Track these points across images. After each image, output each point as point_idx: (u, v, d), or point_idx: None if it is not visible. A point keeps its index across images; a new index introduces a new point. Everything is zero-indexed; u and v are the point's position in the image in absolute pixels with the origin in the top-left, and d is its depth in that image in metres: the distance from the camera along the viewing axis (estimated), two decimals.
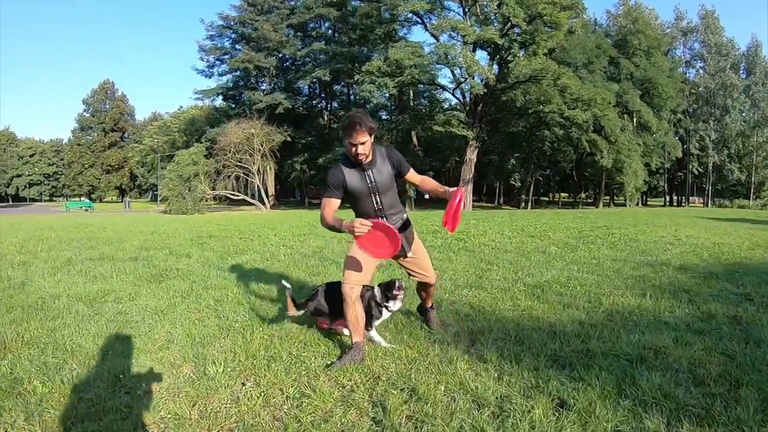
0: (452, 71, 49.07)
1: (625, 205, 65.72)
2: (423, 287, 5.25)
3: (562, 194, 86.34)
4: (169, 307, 6.32)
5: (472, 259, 10.02)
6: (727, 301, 6.21)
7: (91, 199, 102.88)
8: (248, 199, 61.02)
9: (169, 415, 3.45)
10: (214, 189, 58.41)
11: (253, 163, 59.85)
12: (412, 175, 4.79)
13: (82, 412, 3.50)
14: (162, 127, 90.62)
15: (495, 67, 51.52)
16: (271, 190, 67.50)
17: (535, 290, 6.94)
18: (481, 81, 49.15)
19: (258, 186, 60.77)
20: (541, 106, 48.36)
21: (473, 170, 52.92)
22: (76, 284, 7.89)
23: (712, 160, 70.86)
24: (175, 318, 5.82)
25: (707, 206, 67.81)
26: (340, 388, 3.79)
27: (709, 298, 6.34)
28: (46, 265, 10.05)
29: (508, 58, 48.66)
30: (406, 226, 4.85)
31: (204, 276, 8.54)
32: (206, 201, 57.60)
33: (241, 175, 60.23)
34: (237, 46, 67.19)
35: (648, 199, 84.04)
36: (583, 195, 79.04)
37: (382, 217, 4.61)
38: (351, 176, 4.52)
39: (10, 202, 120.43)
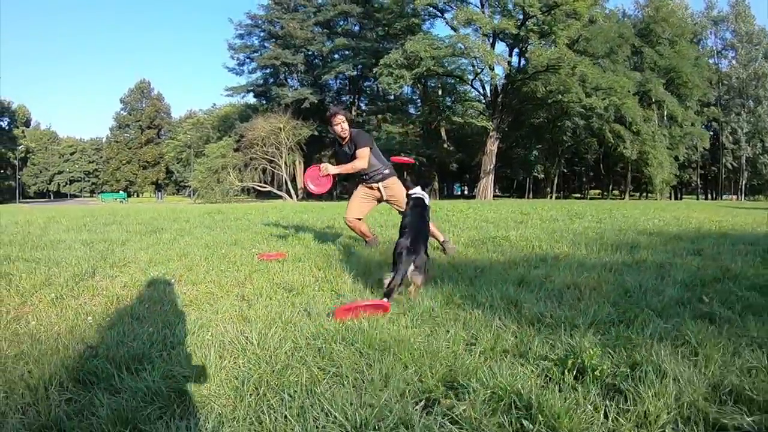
0: (472, 63, 49.39)
1: (656, 199, 63.82)
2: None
3: (593, 190, 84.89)
4: (149, 246, 7.76)
5: (444, 227, 10.64)
6: (670, 254, 6.46)
7: (128, 194, 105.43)
8: (275, 190, 62.31)
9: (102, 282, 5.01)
10: (241, 181, 59.82)
11: (280, 156, 60.92)
12: (356, 152, 6.91)
13: (40, 280, 5.05)
14: (196, 123, 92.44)
15: (515, 57, 51.91)
16: (300, 183, 68.64)
17: (476, 243, 7.89)
18: (502, 71, 49.78)
19: (285, 178, 61.73)
20: (560, 96, 48.18)
21: (494, 161, 52.95)
22: (82, 236, 9.61)
23: (745, 154, 68.84)
24: (143, 249, 7.38)
25: (740, 202, 65.82)
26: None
27: (653, 252, 6.66)
28: (64, 227, 11.88)
29: (527, 48, 48.93)
30: (384, 177, 7.24)
31: (188, 232, 9.98)
32: (234, 192, 59.04)
33: (268, 167, 61.58)
34: (265, 44, 68.34)
35: (681, 194, 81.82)
36: (616, 191, 77.95)
37: (364, 176, 7.28)
38: (340, 150, 7.21)
39: (52, 198, 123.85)
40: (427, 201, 5.36)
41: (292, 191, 62.86)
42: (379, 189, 7.24)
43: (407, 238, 4.59)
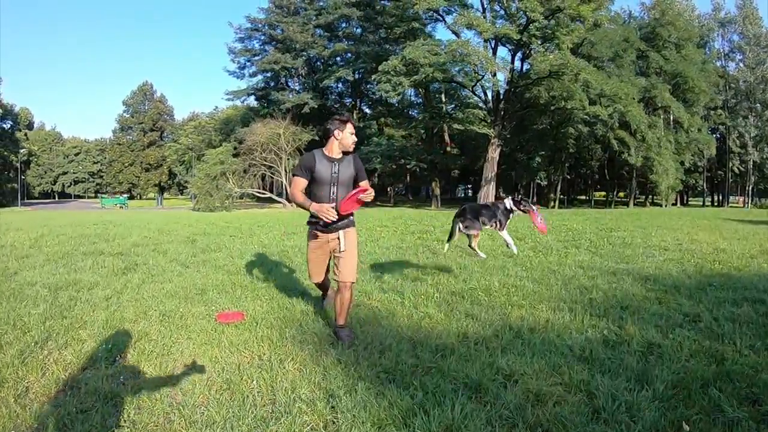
0: (474, 69, 48.63)
1: (661, 205, 63.67)
2: (338, 292, 5.59)
3: (599, 194, 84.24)
4: (113, 295, 7.58)
5: (426, 262, 10.64)
6: (662, 323, 5.88)
7: (131, 196, 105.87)
8: (274, 197, 62.54)
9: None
10: (241, 187, 59.87)
11: (280, 162, 60.85)
12: (361, 183, 5.61)
13: None
14: (198, 126, 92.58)
15: (517, 62, 51.27)
16: None
17: (453, 297, 7.33)
18: (504, 77, 49.52)
19: (284, 184, 61.77)
20: (563, 102, 47.67)
21: (495, 168, 52.52)
22: (54, 275, 9.24)
23: (752, 159, 67.87)
24: (105, 300, 7.20)
25: (747, 206, 65.34)
26: None
27: (643, 320, 6.03)
28: (44, 257, 11.49)
29: (529, 53, 48.48)
30: (351, 223, 5.74)
31: (161, 271, 9.79)
32: (233, 199, 59.07)
33: (267, 173, 61.55)
34: (266, 48, 68.21)
35: (688, 198, 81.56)
36: (621, 194, 77.45)
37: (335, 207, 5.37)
38: (321, 164, 5.42)
39: (56, 199, 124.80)
40: (509, 206, 8.36)
41: None
42: (338, 238, 5.61)
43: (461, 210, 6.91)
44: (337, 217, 5.18)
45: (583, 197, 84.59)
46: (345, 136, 5.50)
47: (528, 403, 3.80)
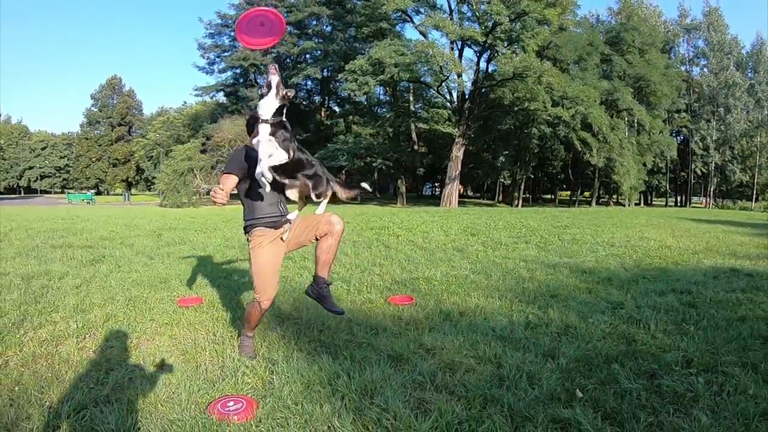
0: (440, 68, 49.06)
1: (624, 204, 65.01)
2: (324, 241, 4.94)
3: (564, 193, 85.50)
4: (82, 283, 8.22)
5: (377, 254, 11.31)
6: (585, 309, 6.34)
7: (98, 191, 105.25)
8: None
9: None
10: (208, 183, 59.94)
11: None
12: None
13: None
14: (166, 122, 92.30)
15: (483, 64, 52.26)
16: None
17: (395, 286, 7.97)
18: (469, 78, 50.63)
19: None
20: (527, 104, 48.71)
21: (460, 167, 53.35)
22: (26, 266, 9.88)
23: (713, 161, 70.00)
24: (76, 288, 7.87)
25: (708, 207, 67.14)
26: None
27: (567, 306, 6.54)
28: (15, 250, 12.12)
29: (495, 55, 49.42)
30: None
31: (127, 262, 10.44)
32: (201, 195, 59.17)
33: None
34: (236, 44, 68.15)
35: (652, 198, 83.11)
36: (586, 194, 78.56)
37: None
38: (251, 161, 4.59)
39: (22, 194, 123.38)
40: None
41: None
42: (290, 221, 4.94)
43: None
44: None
45: (549, 196, 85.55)
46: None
47: (440, 371, 4.34)
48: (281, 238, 4.88)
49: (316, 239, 4.97)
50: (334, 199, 4.93)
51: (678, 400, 3.79)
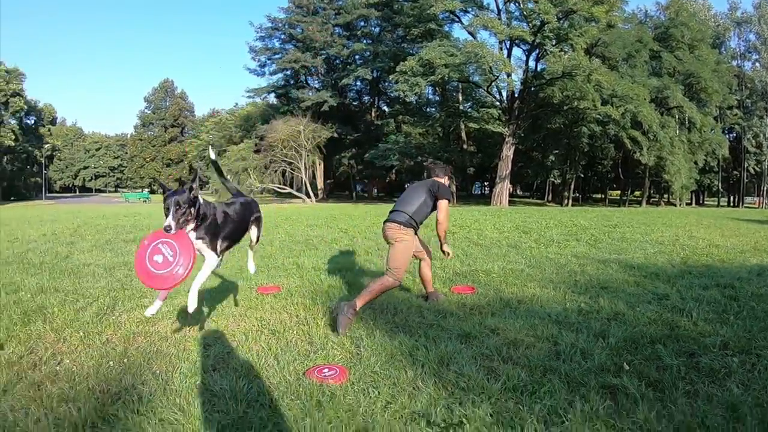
0: (489, 68, 48.96)
1: (675, 204, 63.22)
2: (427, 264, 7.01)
3: (614, 192, 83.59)
4: None
5: (436, 249, 11.76)
6: (633, 300, 6.67)
7: (152, 191, 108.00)
8: (294, 192, 63.69)
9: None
10: (261, 182, 60.94)
11: (300, 158, 62.18)
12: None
13: (70, 317, 6.00)
14: (219, 123, 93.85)
15: (532, 62, 52.26)
16: (321, 184, 69.73)
17: (456, 277, 8.44)
18: (519, 78, 50.70)
19: (304, 180, 63.14)
20: (576, 102, 48.32)
21: (510, 166, 53.35)
22: (105, 258, 10.84)
23: (767, 159, 67.98)
24: None
25: (762, 207, 64.55)
26: None
27: (617, 296, 6.88)
28: (89, 244, 13.20)
29: (544, 54, 49.43)
30: None
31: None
32: (254, 194, 60.09)
33: (288, 169, 62.93)
34: (286, 46, 69.42)
35: (704, 198, 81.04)
36: (637, 193, 76.66)
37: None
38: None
39: (77, 193, 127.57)
40: None
41: (311, 192, 64.09)
42: None
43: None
44: None
45: (599, 196, 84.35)
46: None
47: (504, 346, 4.82)
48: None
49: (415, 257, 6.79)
50: None
51: (714, 374, 4.13)
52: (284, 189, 63.75)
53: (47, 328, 5.50)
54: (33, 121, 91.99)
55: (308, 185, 63.80)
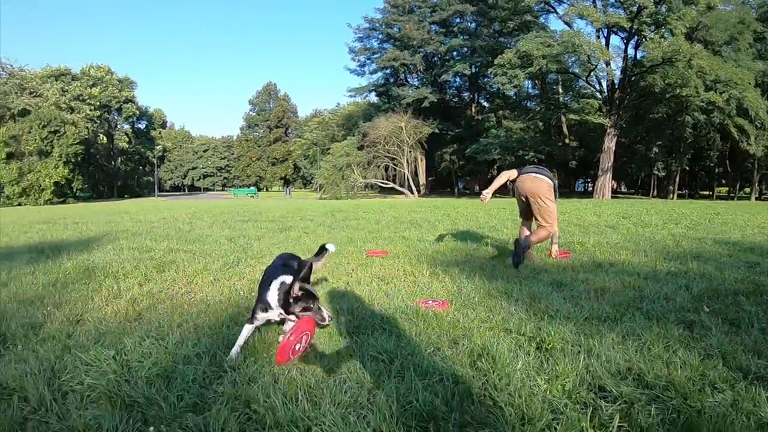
0: (587, 58, 48.05)
1: None
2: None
3: (722, 189, 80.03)
4: (278, 242, 9.83)
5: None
6: (724, 266, 6.94)
7: (258, 188, 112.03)
8: (397, 187, 64.71)
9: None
10: (365, 178, 61.94)
11: (402, 154, 63.21)
12: None
13: (200, 268, 7.21)
14: (321, 122, 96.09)
15: (631, 50, 50.80)
16: (423, 180, 70.29)
17: (562, 246, 8.84)
18: (618, 66, 49.62)
19: (406, 175, 63.96)
20: (678, 90, 46.22)
21: (612, 158, 51.72)
22: (224, 231, 12.78)
23: None
24: (275, 245, 9.73)
25: None
26: None
27: (708, 262, 7.31)
28: (207, 223, 15.35)
29: (641, 41, 47.82)
30: None
31: (312, 230, 11.88)
32: (358, 189, 61.18)
33: (390, 165, 64.01)
34: (384, 46, 70.90)
35: None
36: (747, 190, 72.80)
37: None
38: None
39: (186, 191, 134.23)
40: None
41: (413, 187, 64.98)
42: None
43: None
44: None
45: (706, 192, 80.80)
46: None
47: (592, 291, 5.54)
48: None
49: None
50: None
51: None
52: (387, 184, 65.05)
53: (179, 275, 6.51)
54: (144, 125, 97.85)
55: (411, 180, 64.88)
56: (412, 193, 63.35)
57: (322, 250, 4.92)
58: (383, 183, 65.08)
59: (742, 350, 3.60)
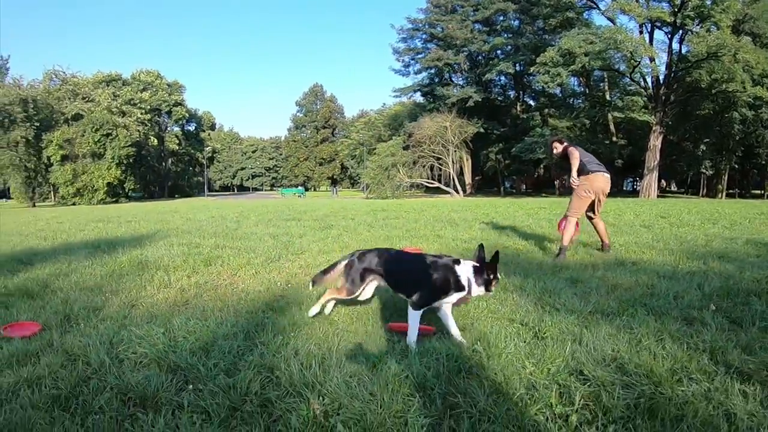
0: (630, 54, 47.16)
1: None
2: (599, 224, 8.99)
3: None
4: (319, 239, 10.60)
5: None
6: (747, 266, 6.96)
7: (306, 188, 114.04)
8: (442, 186, 65.00)
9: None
10: (410, 177, 62.34)
11: (447, 153, 63.49)
12: None
13: (243, 262, 8.04)
14: (368, 123, 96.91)
15: (675, 46, 49.80)
16: (468, 179, 70.38)
17: (589, 245, 9.37)
18: (663, 62, 48.99)
19: (452, 175, 64.29)
20: (724, 85, 44.95)
21: (658, 157, 50.79)
22: (269, 229, 13.63)
23: None
24: (315, 242, 10.47)
25: None
26: None
27: (731, 262, 7.39)
28: (253, 222, 16.25)
29: (686, 36, 47.13)
30: None
31: (353, 229, 12.56)
32: (403, 188, 61.62)
33: (435, 164, 64.25)
34: (428, 46, 71.48)
35: None
36: None
37: None
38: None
39: (235, 191, 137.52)
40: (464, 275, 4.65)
41: (459, 187, 65.00)
42: None
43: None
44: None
45: (758, 191, 78.67)
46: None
47: (604, 287, 5.84)
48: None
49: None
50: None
51: None
52: (432, 183, 65.36)
53: (224, 268, 7.19)
54: (194, 127, 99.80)
55: (456, 180, 64.90)
56: (458, 192, 63.34)
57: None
58: (428, 182, 65.28)
59: (733, 346, 3.78)
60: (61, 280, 6.73)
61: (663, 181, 79.24)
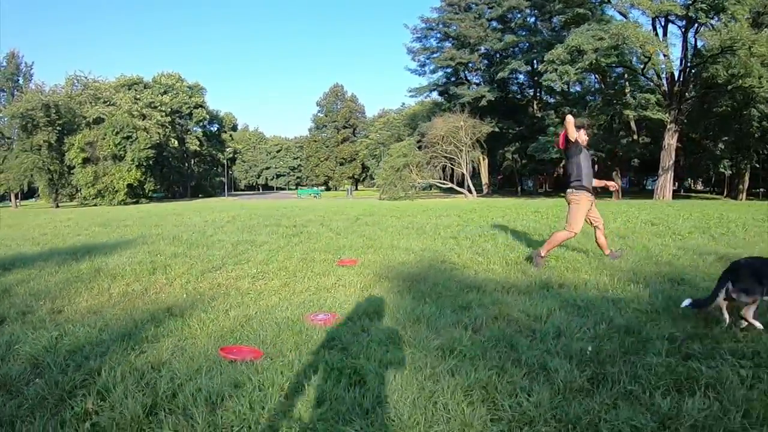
0: (640, 50, 46.31)
1: None
2: (600, 231, 9.03)
3: None
4: (275, 248, 11.37)
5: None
6: (697, 293, 5.93)
7: (327, 187, 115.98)
8: (455, 187, 65.35)
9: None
10: (423, 178, 62.85)
11: (460, 153, 63.99)
12: None
13: (183, 271, 8.74)
14: (387, 123, 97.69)
15: (690, 40, 48.59)
16: (485, 179, 70.83)
17: (519, 260, 9.06)
18: (677, 58, 48.47)
19: (465, 175, 64.81)
20: (741, 81, 43.69)
21: (673, 156, 49.55)
22: (240, 236, 14.22)
23: None
24: (271, 251, 10.98)
25: None
26: None
27: (677, 289, 6.49)
28: (235, 228, 17.05)
29: (700, 30, 45.72)
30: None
31: (319, 236, 13.30)
32: (416, 189, 62.14)
33: (448, 165, 64.73)
34: (443, 45, 71.87)
35: None
36: None
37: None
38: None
39: (260, 190, 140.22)
40: None
41: (472, 187, 65.20)
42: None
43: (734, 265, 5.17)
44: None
45: None
46: (586, 135, 8.80)
47: (484, 318, 5.34)
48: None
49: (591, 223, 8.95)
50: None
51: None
52: (445, 184, 65.91)
53: (163, 277, 7.88)
54: (216, 129, 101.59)
55: (469, 180, 65.26)
56: (471, 192, 63.52)
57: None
58: (441, 183, 65.86)
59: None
60: (21, 286, 7.50)
61: (689, 179, 78.67)
